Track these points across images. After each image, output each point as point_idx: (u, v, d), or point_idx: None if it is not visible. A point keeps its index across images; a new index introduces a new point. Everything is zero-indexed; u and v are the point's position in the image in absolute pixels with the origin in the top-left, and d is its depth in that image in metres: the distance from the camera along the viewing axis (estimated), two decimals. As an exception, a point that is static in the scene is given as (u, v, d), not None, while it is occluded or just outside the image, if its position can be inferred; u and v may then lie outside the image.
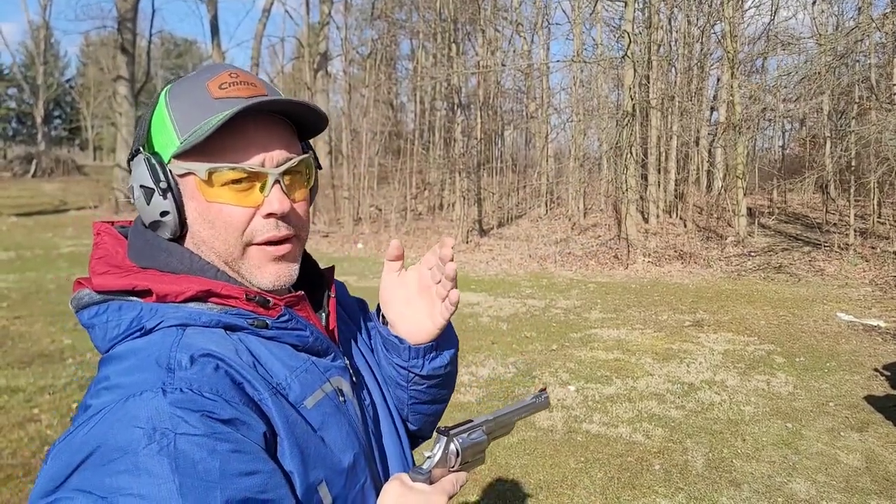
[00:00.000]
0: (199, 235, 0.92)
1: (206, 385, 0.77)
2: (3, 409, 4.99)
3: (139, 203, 0.91)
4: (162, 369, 0.78)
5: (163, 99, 0.92)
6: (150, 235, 0.94)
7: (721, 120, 16.70)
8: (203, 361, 0.81)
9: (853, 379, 5.76)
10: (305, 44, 21.58)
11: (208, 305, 0.88)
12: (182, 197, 0.91)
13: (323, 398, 0.91)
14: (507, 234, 16.99)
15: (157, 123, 0.92)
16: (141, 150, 0.93)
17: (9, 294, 9.47)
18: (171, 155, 0.90)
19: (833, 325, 7.68)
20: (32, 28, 44.98)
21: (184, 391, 0.75)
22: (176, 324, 0.85)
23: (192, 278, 0.89)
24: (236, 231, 0.91)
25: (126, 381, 0.78)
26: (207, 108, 0.89)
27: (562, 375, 5.94)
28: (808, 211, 16.03)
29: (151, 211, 0.91)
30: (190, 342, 0.83)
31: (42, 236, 17.22)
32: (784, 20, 19.95)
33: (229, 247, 0.92)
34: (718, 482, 3.92)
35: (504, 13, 21.21)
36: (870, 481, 3.91)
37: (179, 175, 0.90)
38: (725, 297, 9.37)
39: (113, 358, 0.83)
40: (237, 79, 0.92)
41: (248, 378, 0.83)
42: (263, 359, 0.88)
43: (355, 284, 10.88)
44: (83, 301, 0.90)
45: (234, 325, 0.88)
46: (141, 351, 0.82)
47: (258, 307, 0.91)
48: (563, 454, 4.31)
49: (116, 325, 0.86)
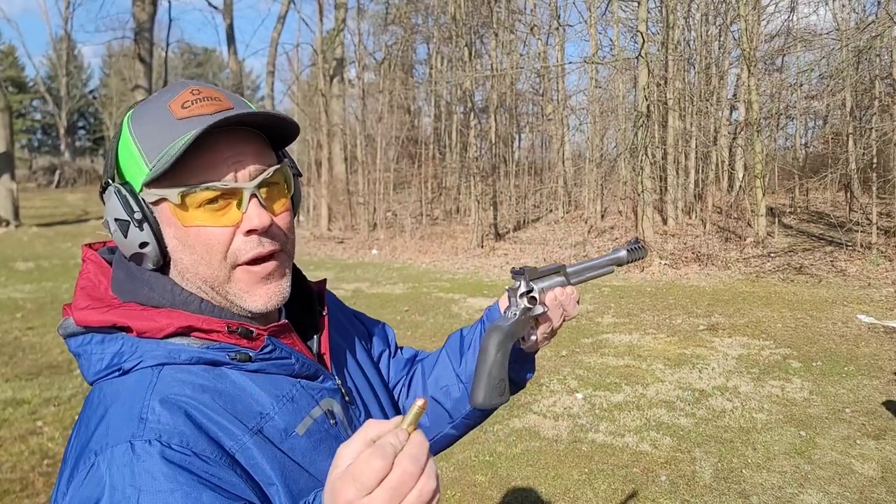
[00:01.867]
0: (182, 263, 0.90)
1: (175, 437, 0.77)
2: (7, 422, 5.00)
3: (116, 237, 0.89)
4: (134, 420, 0.77)
5: (126, 126, 0.89)
6: (132, 267, 0.91)
7: (740, 119, 16.45)
8: (175, 411, 0.80)
9: (872, 384, 5.58)
10: (319, 50, 21.65)
11: (190, 340, 0.86)
12: (159, 225, 0.89)
13: (312, 424, 0.90)
14: (523, 238, 16.88)
15: (123, 152, 0.89)
16: (111, 182, 0.90)
17: (24, 304, 9.56)
18: (141, 183, 0.87)
19: (853, 327, 7.48)
20: (54, 40, 45.77)
21: (152, 443, 0.75)
22: (153, 363, 0.83)
23: (173, 313, 0.87)
24: (218, 253, 0.88)
25: (100, 432, 0.78)
26: (172, 129, 0.85)
27: (570, 382, 5.82)
28: (830, 209, 15.71)
29: (130, 244, 0.88)
30: (163, 388, 0.81)
31: (61, 246, 17.43)
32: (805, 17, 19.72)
33: (214, 271, 0.89)
34: (727, 494, 3.79)
35: (518, 16, 21.12)
36: (885, 492, 3.76)
37: (153, 203, 0.87)
38: (742, 300, 9.19)
39: (92, 403, 0.84)
40: (199, 95, 0.88)
41: (225, 424, 0.82)
42: (248, 391, 0.86)
43: (368, 291, 10.85)
44: (69, 330, 0.89)
45: (216, 361, 0.86)
46: (116, 397, 0.82)
47: (241, 339, 0.88)
48: (567, 465, 4.21)
49: (99, 359, 0.85)
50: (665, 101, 16.10)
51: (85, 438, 0.79)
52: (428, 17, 23.29)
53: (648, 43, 13.68)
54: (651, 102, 13.51)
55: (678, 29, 16.81)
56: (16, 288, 11.00)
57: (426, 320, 8.50)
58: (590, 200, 17.30)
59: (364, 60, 22.92)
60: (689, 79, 17.37)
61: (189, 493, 0.72)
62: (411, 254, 16.07)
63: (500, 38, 19.60)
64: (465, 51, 19.19)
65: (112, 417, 0.79)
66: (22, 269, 13.10)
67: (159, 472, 0.72)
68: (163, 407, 0.79)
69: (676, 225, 15.43)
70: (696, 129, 16.41)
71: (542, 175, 21.23)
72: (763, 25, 16.87)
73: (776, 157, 18.31)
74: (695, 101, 16.50)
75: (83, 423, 0.82)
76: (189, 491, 0.72)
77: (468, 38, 19.35)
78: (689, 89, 16.87)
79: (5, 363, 6.58)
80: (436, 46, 22.56)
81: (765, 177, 14.16)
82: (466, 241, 16.70)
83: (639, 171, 13.22)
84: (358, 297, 10.26)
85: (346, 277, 12.32)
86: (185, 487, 0.72)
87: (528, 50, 21.33)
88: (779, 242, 13.08)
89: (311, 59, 27.00)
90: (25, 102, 51.78)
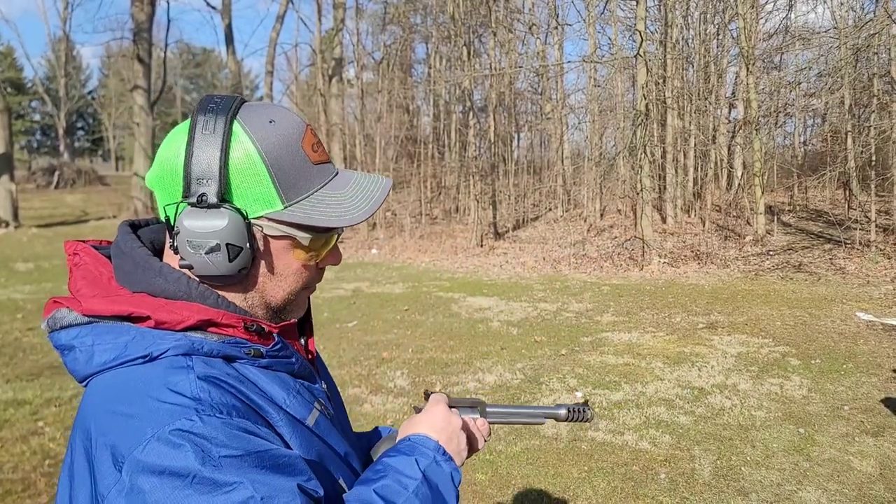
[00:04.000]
0: (256, 281, 0.93)
1: (233, 411, 0.80)
2: (8, 423, 5.01)
3: (215, 257, 0.86)
4: (188, 398, 0.78)
5: (251, 147, 0.87)
6: (138, 256, 0.91)
7: (739, 117, 16.46)
8: (222, 390, 0.82)
9: (870, 381, 5.60)
10: (318, 50, 21.64)
11: (205, 334, 0.87)
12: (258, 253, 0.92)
13: (319, 416, 0.95)
14: (522, 237, 16.89)
15: (245, 173, 0.87)
16: (224, 203, 0.86)
17: (24, 305, 9.57)
18: (266, 215, 0.89)
19: (852, 325, 7.49)
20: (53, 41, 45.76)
21: (215, 416, 0.77)
22: (181, 353, 0.84)
23: (191, 305, 0.87)
24: (303, 283, 0.96)
25: (153, 413, 0.77)
26: (308, 173, 0.91)
27: (570, 381, 5.84)
28: (829, 207, 15.72)
29: (231, 267, 0.88)
30: (202, 371, 0.83)
31: (61, 247, 17.36)
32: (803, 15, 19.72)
33: (288, 295, 0.96)
34: (726, 491, 3.80)
35: (517, 15, 21.12)
36: (884, 489, 3.77)
37: (273, 236, 0.91)
38: (741, 298, 9.20)
39: (116, 389, 0.81)
40: (316, 139, 0.94)
41: (261, 404, 0.85)
42: (262, 385, 0.89)
43: (367, 290, 10.86)
44: (63, 321, 0.86)
45: (232, 356, 0.88)
46: (152, 381, 0.81)
47: (253, 335, 0.91)
48: (567, 463, 4.22)
49: (108, 349, 0.83)
50: (664, 99, 16.12)
51: (125, 426, 0.77)
52: (426, 16, 23.31)
53: (647, 42, 13.69)
54: (650, 101, 13.52)
55: (677, 27, 16.82)
56: (16, 289, 11.02)
57: (426, 319, 8.52)
58: (589, 199, 17.31)
59: (363, 60, 22.94)
60: (687, 77, 17.39)
61: (265, 452, 0.77)
62: (411, 253, 16.08)
63: (498, 37, 19.61)
64: (464, 50, 19.21)
65: (160, 398, 0.78)
66: (22, 269, 13.12)
67: (233, 437, 0.76)
68: (210, 385, 0.81)
69: (675, 223, 15.45)
70: (694, 127, 16.43)
71: (541, 174, 21.24)
72: (761, 24, 16.89)
73: (775, 155, 18.35)
74: (693, 99, 16.52)
75: (111, 409, 0.79)
76: (263, 452, 0.77)
77: (467, 38, 19.36)
78: (688, 88, 16.90)
79: (6, 364, 6.59)
80: (434, 46, 22.58)
81: (764, 175, 14.18)
82: (466, 241, 16.71)
83: (638, 169, 13.23)
84: (358, 296, 10.28)
85: (345, 277, 12.33)
86: (259, 449, 0.77)
87: (526, 49, 21.36)
88: (778, 240, 13.10)
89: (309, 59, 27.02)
90: (24, 103, 51.78)
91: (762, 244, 12.85)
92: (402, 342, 7.38)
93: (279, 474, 0.76)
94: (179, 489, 0.71)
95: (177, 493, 0.71)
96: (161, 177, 0.89)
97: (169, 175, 0.88)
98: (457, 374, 6.12)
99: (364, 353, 6.95)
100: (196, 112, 0.87)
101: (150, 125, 23.69)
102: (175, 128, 0.92)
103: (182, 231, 0.85)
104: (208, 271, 0.87)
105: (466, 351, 6.94)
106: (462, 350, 6.99)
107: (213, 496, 0.71)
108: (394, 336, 7.68)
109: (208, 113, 0.87)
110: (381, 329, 8.03)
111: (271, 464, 0.76)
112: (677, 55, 16.67)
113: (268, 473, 0.75)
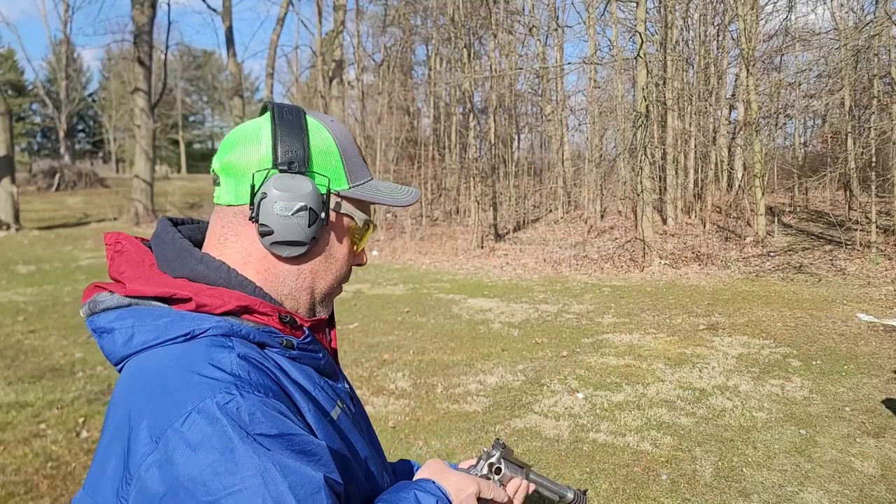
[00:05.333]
0: (313, 259, 1.00)
1: (269, 392, 0.82)
2: (10, 425, 5.01)
3: (299, 219, 0.93)
4: (227, 374, 0.80)
5: (327, 133, 0.99)
6: (179, 246, 0.95)
7: (739, 118, 16.47)
8: (259, 371, 0.84)
9: (871, 382, 5.61)
10: (318, 52, 21.66)
11: (242, 320, 0.90)
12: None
13: (341, 413, 0.98)
14: (523, 239, 16.89)
15: (323, 154, 0.98)
16: (306, 171, 0.95)
17: (25, 308, 9.57)
18: (338, 190, 0.99)
19: (853, 326, 7.50)
20: (54, 43, 45.80)
21: (254, 394, 0.79)
22: (221, 333, 0.87)
23: (231, 291, 0.91)
24: (344, 273, 1.04)
25: (193, 387, 0.79)
26: (362, 165, 1.04)
27: (571, 382, 5.84)
28: (830, 208, 15.73)
29: (307, 233, 0.94)
30: (242, 351, 0.85)
31: (62, 249, 17.44)
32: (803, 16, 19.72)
33: (334, 282, 1.03)
34: (727, 492, 3.81)
35: (517, 16, 21.14)
36: (885, 489, 3.78)
37: (337, 212, 1.00)
38: (742, 299, 9.21)
39: (161, 363, 0.84)
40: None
41: (291, 390, 0.88)
42: (292, 375, 0.91)
43: (368, 292, 10.86)
44: (104, 304, 0.90)
45: (265, 343, 0.91)
46: (193, 358, 0.83)
47: (285, 327, 0.94)
48: (568, 464, 4.23)
49: (149, 329, 0.87)
50: (664, 100, 16.14)
51: (165, 399, 0.78)
52: (427, 18, 23.34)
53: (647, 43, 13.71)
54: (650, 102, 13.53)
55: (676, 29, 16.85)
56: (17, 291, 11.02)
57: (427, 321, 8.52)
58: (589, 201, 17.32)
59: (363, 62, 22.94)
60: (687, 79, 17.40)
61: (297, 436, 0.79)
62: (411, 255, 16.08)
63: (498, 38, 19.62)
64: (464, 52, 19.22)
65: (201, 372, 0.80)
66: (23, 272, 13.11)
67: (270, 416, 0.78)
68: (249, 365, 0.83)
69: (676, 225, 15.46)
70: (695, 128, 16.44)
71: (541, 175, 21.24)
72: (761, 25, 16.90)
73: (775, 156, 18.36)
74: (694, 100, 16.53)
75: (151, 385, 0.81)
76: (295, 436, 0.79)
77: (467, 39, 19.38)
78: (688, 89, 16.90)
79: (8, 366, 6.59)
80: (435, 47, 22.59)
81: (764, 176, 14.19)
82: (466, 242, 16.71)
83: (638, 170, 13.23)
84: (359, 298, 10.28)
85: (346, 279, 12.31)
86: (291, 432, 0.79)
87: (526, 51, 21.38)
88: (778, 241, 13.11)
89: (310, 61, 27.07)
90: (25, 106, 51.83)
91: (763, 245, 12.86)
92: (403, 344, 7.38)
93: (307, 462, 0.78)
94: (213, 464, 0.72)
95: (210, 468, 0.72)
96: (240, 159, 0.96)
97: (251, 155, 0.95)
98: (458, 376, 6.13)
99: (365, 354, 6.96)
100: (272, 109, 0.98)
101: (151, 127, 23.71)
102: (239, 126, 1.01)
103: (270, 195, 0.92)
104: (288, 235, 0.93)
105: (467, 352, 6.95)
106: (463, 351, 6.99)
107: (243, 475, 0.72)
108: (395, 338, 7.68)
109: (283, 108, 0.98)
110: (382, 331, 8.04)
111: (301, 449, 0.78)
112: (677, 57, 16.69)
113: (298, 459, 0.76)
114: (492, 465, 1.15)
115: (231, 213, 0.97)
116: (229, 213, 0.97)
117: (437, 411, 5.26)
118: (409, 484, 1.00)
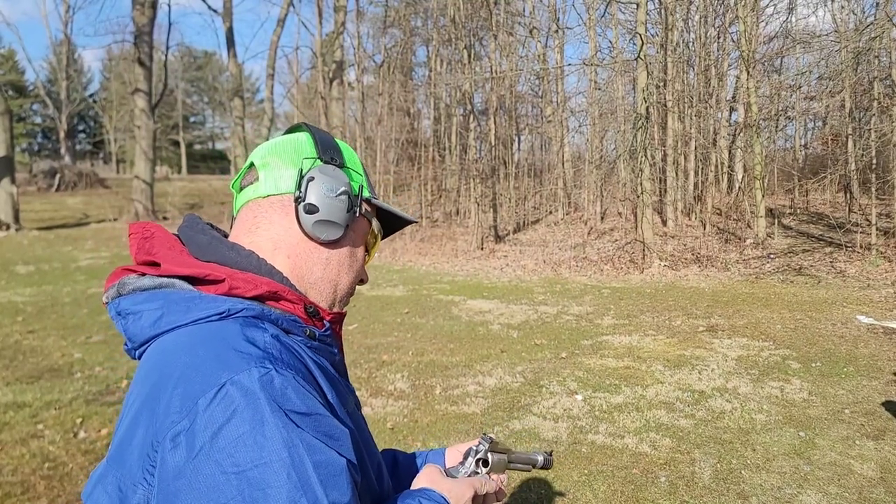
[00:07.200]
0: (338, 256, 1.04)
1: (299, 373, 0.84)
2: (8, 426, 5.00)
3: (335, 202, 0.99)
4: (261, 351, 0.82)
5: (352, 152, 1.10)
6: (210, 234, 0.99)
7: (739, 120, 16.47)
8: (290, 352, 0.87)
9: (871, 384, 5.59)
10: (319, 53, 21.66)
11: (269, 306, 0.93)
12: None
13: (353, 408, 1.01)
14: (523, 240, 16.88)
15: (352, 161, 1.08)
16: (343, 168, 1.04)
17: (24, 308, 9.57)
18: (366, 194, 1.06)
19: (852, 328, 7.49)
20: (54, 44, 45.82)
21: (288, 371, 0.81)
22: (252, 315, 0.89)
23: (260, 277, 0.94)
24: (358, 277, 1.09)
25: (228, 362, 0.80)
26: (372, 186, 1.12)
27: (570, 384, 5.83)
28: (830, 210, 15.72)
29: (346, 217, 1.01)
30: (274, 331, 0.88)
31: (62, 249, 17.44)
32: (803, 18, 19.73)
33: (353, 282, 1.08)
34: (726, 494, 3.80)
35: (518, 18, 21.14)
36: (884, 492, 3.76)
37: (362, 213, 1.06)
38: (742, 301, 9.20)
39: (194, 339, 0.85)
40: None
41: (315, 375, 0.90)
42: (317, 362, 0.93)
43: (367, 293, 10.85)
44: (132, 285, 0.92)
45: (291, 331, 0.93)
46: (226, 336, 0.84)
47: (308, 318, 0.97)
48: (567, 466, 4.21)
49: (181, 309, 0.88)
50: (664, 102, 16.13)
51: (199, 371, 0.79)
52: (427, 19, 23.34)
53: (647, 45, 13.70)
54: (650, 104, 13.52)
55: (677, 31, 16.84)
56: (16, 291, 11.01)
57: (426, 322, 8.51)
58: (589, 202, 17.31)
59: (363, 63, 22.95)
60: (688, 80, 17.39)
61: (324, 417, 0.82)
62: (411, 256, 16.08)
63: (499, 40, 19.62)
64: (465, 53, 19.22)
65: (236, 347, 0.82)
66: (22, 272, 13.11)
67: (301, 394, 0.81)
68: (281, 345, 0.86)
69: (676, 226, 15.45)
70: (695, 130, 16.43)
71: (541, 177, 21.23)
72: (762, 27, 16.90)
73: (775, 158, 18.35)
74: (694, 102, 16.52)
75: (185, 358, 0.82)
76: (322, 416, 0.82)
77: (467, 41, 19.38)
78: (689, 91, 16.90)
79: (6, 367, 6.58)
80: (435, 49, 22.59)
81: (764, 178, 14.19)
82: (466, 243, 16.70)
83: (638, 172, 13.23)
84: (358, 299, 10.27)
85: (346, 280, 12.30)
86: (320, 412, 0.82)
87: (527, 52, 21.37)
88: (778, 243, 13.10)
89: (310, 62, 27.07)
90: (25, 106, 51.84)
91: (763, 247, 12.85)
92: (402, 345, 7.37)
93: (332, 445, 0.80)
94: (242, 436, 0.73)
95: (239, 440, 0.73)
96: (284, 152, 1.03)
97: (296, 150, 1.03)
98: (457, 378, 6.12)
99: (364, 355, 6.95)
100: (306, 125, 1.08)
101: (151, 128, 23.71)
102: (274, 139, 1.09)
103: (317, 178, 0.98)
104: (331, 215, 0.98)
105: (467, 354, 6.94)
106: (462, 353, 6.98)
107: (271, 449, 0.73)
108: (394, 339, 7.67)
109: (314, 126, 1.08)
110: (382, 332, 8.03)
111: (327, 432, 0.80)
112: (678, 58, 16.68)
113: (324, 439, 0.78)
114: (479, 460, 1.20)
115: (267, 204, 1.01)
116: (265, 204, 1.01)
117: (435, 413, 5.25)
118: (414, 492, 1.01)
